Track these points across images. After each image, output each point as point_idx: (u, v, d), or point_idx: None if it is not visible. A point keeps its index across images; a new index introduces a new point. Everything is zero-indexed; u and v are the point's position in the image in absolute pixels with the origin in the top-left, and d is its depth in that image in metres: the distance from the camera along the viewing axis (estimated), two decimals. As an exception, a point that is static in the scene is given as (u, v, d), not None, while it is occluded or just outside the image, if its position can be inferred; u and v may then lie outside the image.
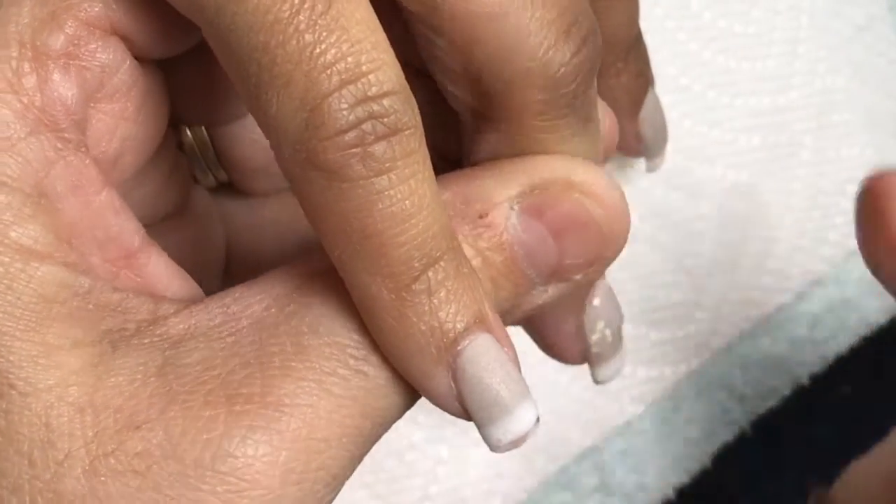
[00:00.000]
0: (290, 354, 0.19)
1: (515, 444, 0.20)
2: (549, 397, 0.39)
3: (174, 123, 0.25)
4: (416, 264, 0.19)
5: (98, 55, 0.21)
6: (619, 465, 0.39)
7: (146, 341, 0.20)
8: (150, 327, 0.20)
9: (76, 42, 0.20)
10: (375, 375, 0.20)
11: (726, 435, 0.41)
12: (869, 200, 0.27)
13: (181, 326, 0.20)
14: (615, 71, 0.32)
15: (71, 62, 0.20)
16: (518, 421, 0.20)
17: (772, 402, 0.42)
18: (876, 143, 0.44)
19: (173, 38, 0.22)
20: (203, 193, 0.27)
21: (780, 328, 0.42)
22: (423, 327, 0.19)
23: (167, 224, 0.26)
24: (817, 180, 0.43)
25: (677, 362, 0.41)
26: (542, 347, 0.26)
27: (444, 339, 0.19)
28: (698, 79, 0.43)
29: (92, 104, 0.21)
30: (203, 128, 0.26)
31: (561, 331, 0.25)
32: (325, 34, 0.18)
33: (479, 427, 0.20)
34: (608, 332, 0.25)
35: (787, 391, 0.42)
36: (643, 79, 0.33)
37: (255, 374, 0.19)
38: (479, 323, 0.20)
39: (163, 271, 0.22)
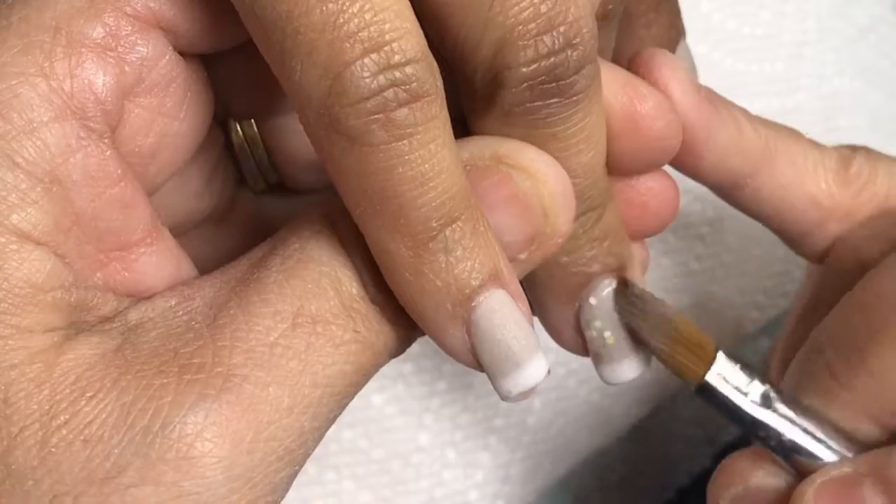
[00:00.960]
0: (241, 324, 0.20)
1: (524, 395, 0.21)
2: (557, 401, 0.39)
3: (221, 119, 0.25)
4: (434, 224, 0.20)
5: (138, 48, 0.21)
6: (621, 466, 0.39)
7: (107, 328, 0.21)
8: (111, 318, 0.21)
9: (115, 33, 0.21)
10: (323, 344, 0.20)
11: (727, 435, 0.42)
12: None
13: (139, 311, 0.21)
14: (646, 21, 0.31)
15: (108, 53, 0.21)
16: (528, 374, 0.21)
17: (774, 404, 0.42)
18: (881, 145, 0.44)
19: (220, 32, 0.22)
20: (248, 198, 0.28)
21: (781, 329, 0.42)
22: (440, 283, 0.20)
23: (209, 230, 0.26)
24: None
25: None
26: (547, 330, 0.26)
27: (460, 294, 0.20)
28: (707, 81, 0.43)
29: (130, 98, 0.21)
30: (253, 124, 0.26)
31: (548, 317, 0.26)
32: (348, 3, 0.19)
33: (491, 378, 0.21)
34: (607, 334, 0.25)
35: (789, 392, 0.42)
36: (674, 30, 0.32)
37: (206, 345, 0.20)
38: (494, 279, 0.20)
39: (152, 269, 0.22)
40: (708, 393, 0.26)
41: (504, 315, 0.20)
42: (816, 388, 0.26)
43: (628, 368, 0.26)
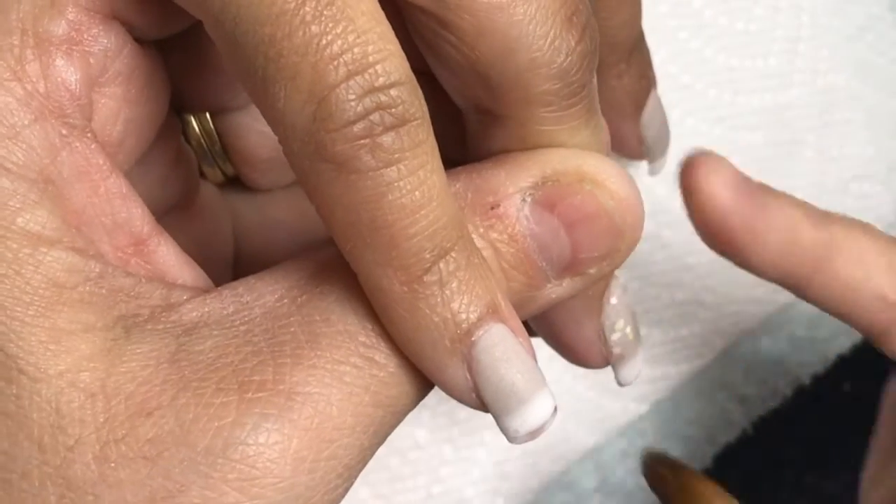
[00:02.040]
0: (302, 343, 0.19)
1: (533, 435, 0.20)
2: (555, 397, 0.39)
3: (179, 111, 0.25)
4: (427, 255, 0.19)
5: (100, 40, 0.21)
6: (620, 465, 0.39)
7: (160, 327, 0.20)
8: (164, 313, 0.20)
9: (78, 28, 0.20)
10: (386, 364, 0.20)
11: (727, 435, 0.41)
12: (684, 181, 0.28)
13: (195, 314, 0.20)
14: (617, 72, 0.31)
15: (74, 48, 0.20)
16: (535, 411, 0.20)
17: (773, 403, 0.42)
18: (877, 141, 0.44)
19: (173, 18, 0.22)
20: (211, 189, 0.27)
21: (781, 328, 0.42)
22: (436, 319, 0.19)
23: (174, 218, 0.25)
24: (820, 178, 0.43)
25: (679, 362, 0.41)
26: (561, 353, 0.26)
27: (458, 330, 0.19)
28: (700, 77, 0.43)
29: (96, 88, 0.21)
30: (209, 119, 0.26)
31: (581, 334, 0.25)
32: (331, 25, 0.18)
33: (496, 418, 0.20)
34: (629, 329, 0.25)
35: (788, 391, 0.42)
36: (645, 80, 0.32)
37: (266, 361, 0.19)
38: (493, 313, 0.20)
39: (173, 259, 0.22)
40: None
41: (506, 349, 0.20)
42: None
43: (640, 359, 0.26)
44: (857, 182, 0.44)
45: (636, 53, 0.31)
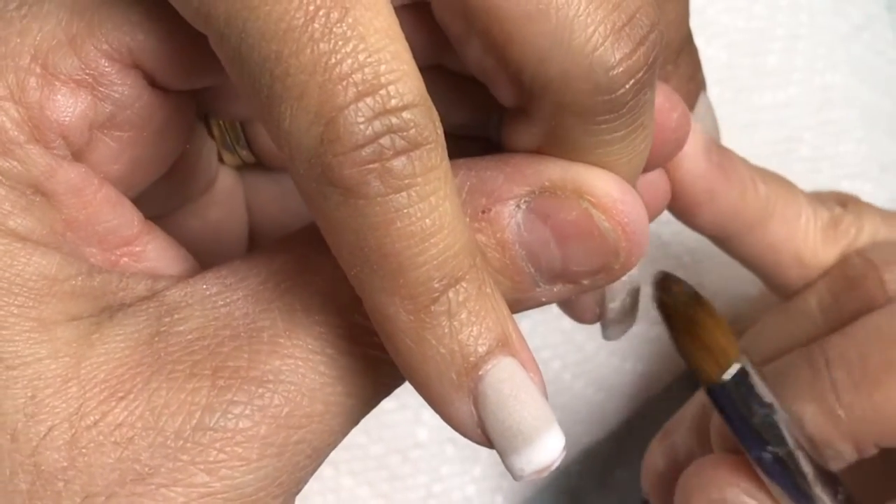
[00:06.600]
0: (280, 330, 0.19)
1: (539, 473, 0.19)
2: (553, 396, 0.38)
3: (204, 116, 0.25)
4: (437, 285, 0.18)
5: (115, 87, 0.20)
6: (620, 464, 0.40)
7: (142, 308, 0.20)
8: (148, 299, 0.20)
9: (92, 71, 0.20)
10: (361, 356, 0.20)
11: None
12: None
13: (178, 295, 0.20)
14: (664, 74, 0.30)
15: (81, 88, 0.20)
16: (542, 451, 0.19)
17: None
18: (872, 140, 0.44)
19: (202, 72, 0.21)
20: (228, 173, 0.27)
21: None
22: (443, 350, 0.19)
23: (190, 206, 0.25)
24: (814, 176, 0.43)
25: (678, 358, 0.41)
26: (560, 307, 0.26)
27: (465, 363, 0.19)
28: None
29: (104, 130, 0.21)
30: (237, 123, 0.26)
31: (580, 300, 0.25)
32: (340, 43, 0.17)
33: (502, 456, 0.20)
34: (628, 300, 0.25)
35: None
36: (694, 83, 0.31)
37: (243, 346, 0.19)
38: (503, 346, 0.19)
39: (161, 255, 0.22)
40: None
41: (514, 385, 0.19)
42: (813, 397, 0.28)
43: (631, 325, 0.27)
44: (849, 180, 0.44)
45: (684, 55, 0.30)
